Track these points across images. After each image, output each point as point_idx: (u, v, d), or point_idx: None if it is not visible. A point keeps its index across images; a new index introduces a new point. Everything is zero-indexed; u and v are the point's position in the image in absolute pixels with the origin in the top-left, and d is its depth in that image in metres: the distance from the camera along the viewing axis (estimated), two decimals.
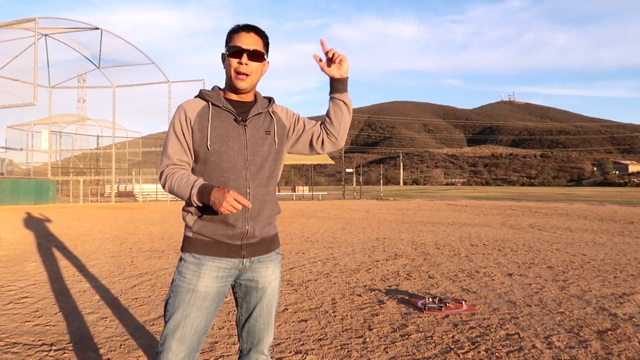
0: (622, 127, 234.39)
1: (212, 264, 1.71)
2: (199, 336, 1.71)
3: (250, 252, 1.75)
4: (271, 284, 1.83)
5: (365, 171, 78.08)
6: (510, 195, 36.39)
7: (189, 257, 1.73)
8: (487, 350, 3.13)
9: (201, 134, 1.71)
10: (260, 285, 1.80)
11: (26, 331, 3.54)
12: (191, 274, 1.70)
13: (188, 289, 1.69)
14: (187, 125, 1.72)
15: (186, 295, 1.69)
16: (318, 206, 20.74)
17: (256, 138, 1.75)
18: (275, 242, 1.86)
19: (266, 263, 1.81)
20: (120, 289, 4.88)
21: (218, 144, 1.70)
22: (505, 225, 11.90)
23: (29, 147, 26.59)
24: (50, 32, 20.86)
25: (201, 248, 1.71)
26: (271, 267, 1.83)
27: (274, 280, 1.84)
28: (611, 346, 3.19)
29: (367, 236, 9.48)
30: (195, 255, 1.72)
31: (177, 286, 1.71)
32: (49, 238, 9.07)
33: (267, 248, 1.81)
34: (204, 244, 1.72)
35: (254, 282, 1.80)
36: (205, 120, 1.72)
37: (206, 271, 1.70)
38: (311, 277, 5.49)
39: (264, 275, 1.81)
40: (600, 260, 6.64)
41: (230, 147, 1.71)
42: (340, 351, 3.13)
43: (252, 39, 1.74)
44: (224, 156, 1.70)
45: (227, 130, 1.72)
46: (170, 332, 1.68)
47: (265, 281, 1.81)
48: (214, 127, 1.71)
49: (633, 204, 22.36)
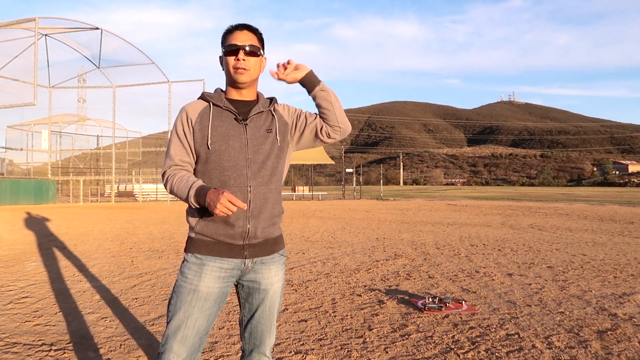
0: (622, 127, 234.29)
1: (213, 264, 1.71)
2: (200, 337, 1.71)
3: (252, 252, 1.75)
4: (273, 286, 1.82)
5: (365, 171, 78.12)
6: (510, 195, 36.39)
7: (191, 257, 1.73)
8: (487, 350, 3.13)
9: (202, 133, 1.73)
10: (262, 286, 1.80)
11: (26, 331, 3.54)
12: (193, 274, 1.71)
13: (190, 289, 1.70)
14: (189, 126, 1.74)
15: (188, 295, 1.69)
16: (318, 206, 20.74)
17: (257, 136, 1.76)
18: (278, 243, 1.85)
19: (269, 265, 1.81)
20: (120, 289, 4.88)
21: (218, 142, 1.72)
22: (505, 225, 11.90)
23: (29, 147, 26.60)
24: (50, 32, 20.86)
25: (203, 248, 1.72)
26: (274, 269, 1.82)
27: (276, 282, 1.83)
28: (611, 346, 3.19)
29: (367, 236, 9.48)
30: (197, 255, 1.72)
31: (179, 287, 1.72)
32: (49, 238, 9.06)
33: (271, 249, 1.80)
34: (205, 244, 1.72)
35: (256, 284, 1.80)
36: (206, 120, 1.74)
37: (208, 271, 1.70)
38: (311, 277, 5.49)
39: (267, 277, 1.80)
40: (600, 260, 6.64)
41: (230, 146, 1.72)
42: (340, 351, 3.13)
43: (246, 35, 1.77)
44: (224, 155, 1.71)
45: (228, 129, 1.74)
46: (172, 332, 1.68)
47: (268, 283, 1.80)
48: (214, 127, 1.73)
49: (633, 204, 22.36)
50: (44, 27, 19.72)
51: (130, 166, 31.36)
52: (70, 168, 30.17)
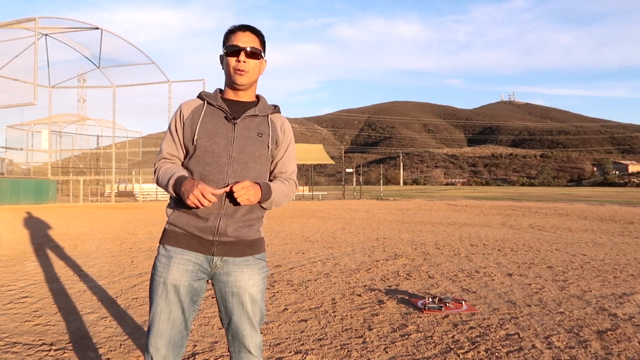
0: (622, 127, 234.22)
1: (181, 256, 1.71)
2: (179, 331, 1.70)
3: (220, 250, 1.72)
4: (247, 290, 1.74)
5: (365, 171, 78.07)
6: (510, 195, 36.38)
7: (162, 249, 1.76)
8: (487, 350, 3.13)
9: (191, 129, 1.76)
10: (234, 289, 1.74)
11: (26, 331, 3.53)
12: (162, 266, 1.72)
13: (159, 282, 1.71)
14: (180, 122, 1.79)
15: (158, 288, 1.71)
16: (318, 206, 20.74)
17: (245, 137, 1.76)
18: (254, 247, 1.79)
19: (241, 267, 1.75)
20: (120, 289, 4.88)
21: (204, 139, 1.74)
22: (505, 225, 11.90)
23: (29, 146, 26.57)
24: (50, 31, 20.85)
25: (173, 240, 1.73)
26: (247, 273, 1.75)
27: (251, 287, 1.75)
28: (611, 346, 3.19)
29: (367, 236, 9.48)
30: (167, 247, 1.74)
31: (152, 279, 1.75)
32: (49, 238, 9.06)
33: (243, 251, 1.75)
34: (175, 235, 1.73)
35: (228, 286, 1.75)
36: (197, 117, 1.77)
37: (175, 264, 1.71)
38: (311, 277, 5.49)
39: (239, 280, 1.74)
40: (600, 260, 6.64)
41: (215, 143, 1.73)
42: (340, 351, 3.13)
43: (249, 37, 1.78)
44: (208, 150, 1.73)
45: (216, 127, 1.75)
46: (149, 326, 1.71)
47: (240, 287, 1.74)
48: (203, 124, 1.76)
49: (633, 204, 22.36)
50: (44, 27, 19.71)
51: (130, 166, 31.38)
52: (70, 168, 30.18)
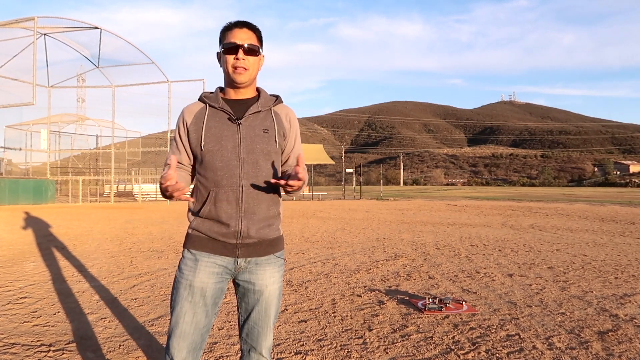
0: (623, 127, 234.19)
1: (207, 259, 1.73)
2: (201, 333, 1.73)
3: (245, 252, 1.75)
4: (268, 287, 1.80)
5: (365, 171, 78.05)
6: (510, 195, 36.38)
7: (187, 253, 1.77)
8: (487, 351, 3.12)
9: (196, 134, 1.75)
10: (257, 287, 1.79)
11: (25, 332, 3.52)
12: (188, 269, 1.74)
13: (185, 284, 1.73)
14: (184, 128, 1.78)
15: (184, 291, 1.72)
16: (318, 206, 20.73)
17: (252, 136, 1.75)
18: (275, 245, 1.82)
19: (264, 266, 1.79)
20: (119, 289, 4.86)
21: (211, 143, 1.73)
22: (506, 225, 11.88)
23: (27, 146, 26.56)
24: (49, 31, 20.85)
25: (197, 244, 1.75)
26: (269, 271, 1.80)
27: (272, 284, 1.81)
28: (612, 347, 3.17)
29: (367, 236, 9.47)
30: (192, 251, 1.75)
31: (177, 282, 1.76)
32: (48, 238, 9.05)
33: (265, 250, 1.79)
34: (200, 240, 1.75)
35: (250, 285, 1.79)
36: (201, 121, 1.76)
37: (202, 267, 1.72)
38: (311, 277, 5.48)
39: (262, 278, 1.79)
40: (601, 260, 6.63)
41: (223, 146, 1.72)
42: (340, 352, 3.11)
43: (246, 34, 1.76)
44: (217, 155, 1.72)
45: (221, 130, 1.74)
46: (172, 328, 1.72)
47: (262, 284, 1.79)
48: (208, 128, 1.74)
49: (634, 204, 22.35)
50: (43, 27, 19.71)
51: (129, 166, 31.38)
52: (69, 168, 30.19)
